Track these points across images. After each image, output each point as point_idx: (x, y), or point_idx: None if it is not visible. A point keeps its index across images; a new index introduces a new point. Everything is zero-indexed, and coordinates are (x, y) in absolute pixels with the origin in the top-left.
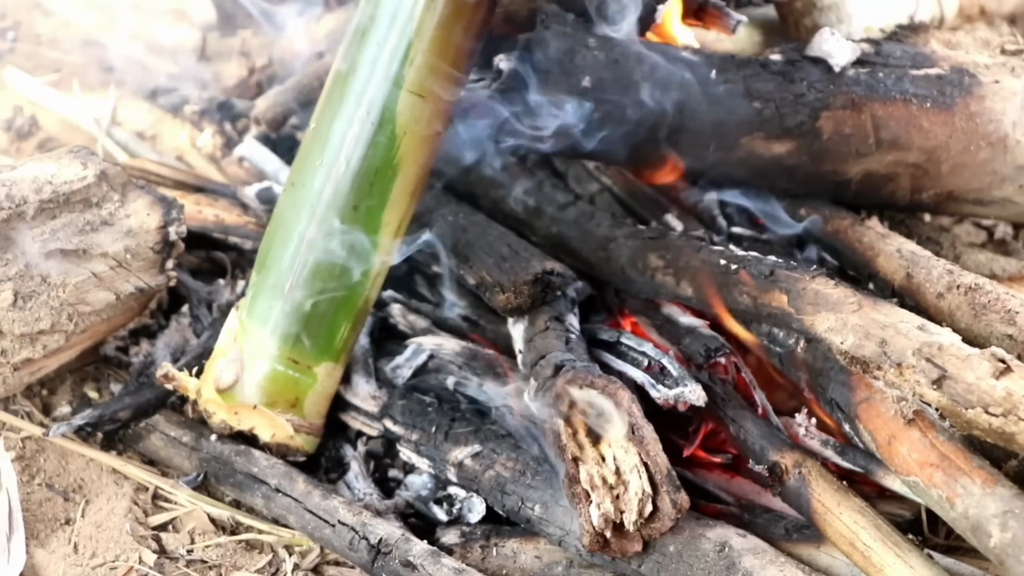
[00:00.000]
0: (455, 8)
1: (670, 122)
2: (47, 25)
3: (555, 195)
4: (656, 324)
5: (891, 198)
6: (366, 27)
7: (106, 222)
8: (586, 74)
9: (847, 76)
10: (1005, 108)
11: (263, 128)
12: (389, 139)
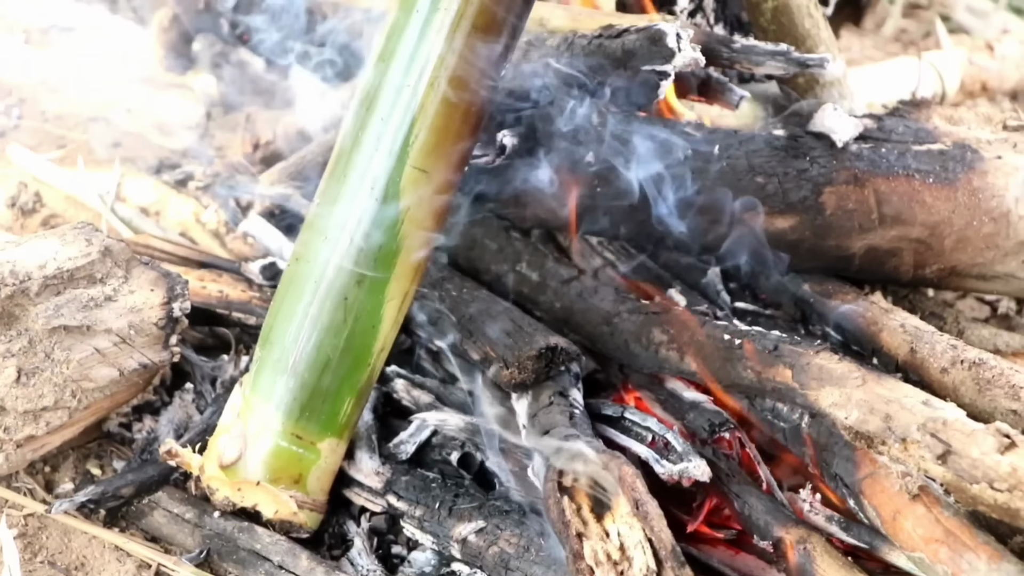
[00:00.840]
0: (459, 85)
1: (674, 197)
2: (52, 102)
3: (559, 270)
4: (660, 399)
5: (895, 273)
6: (370, 103)
7: (110, 298)
8: (589, 149)
9: (850, 151)
10: (1008, 184)
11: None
12: (393, 214)
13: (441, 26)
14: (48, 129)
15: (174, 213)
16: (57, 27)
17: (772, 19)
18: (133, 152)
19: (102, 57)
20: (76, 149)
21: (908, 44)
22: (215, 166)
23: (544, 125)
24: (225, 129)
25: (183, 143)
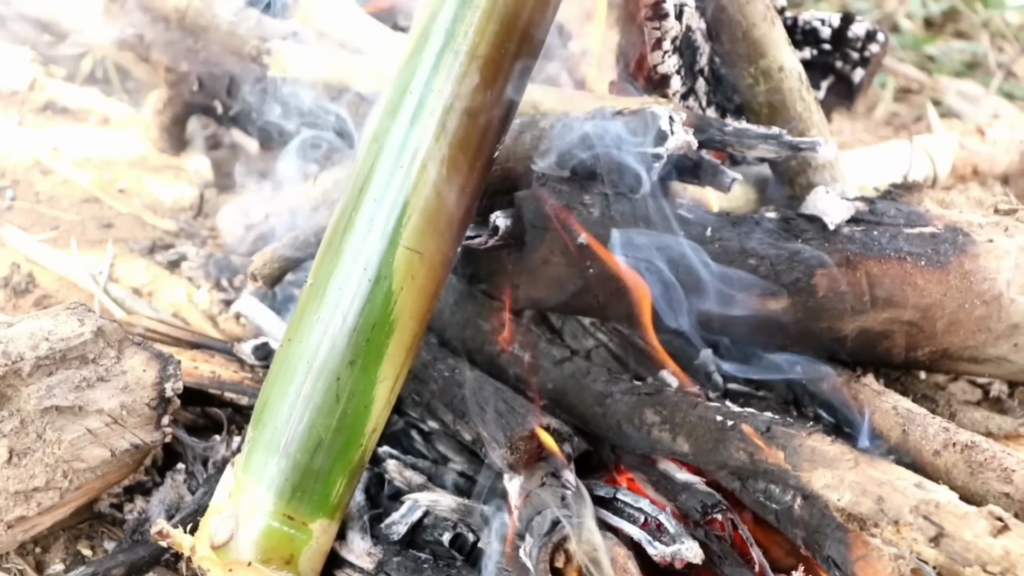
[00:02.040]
0: (452, 166)
1: (665, 278)
2: (45, 183)
3: (551, 350)
4: (652, 480)
5: (887, 355)
6: (363, 184)
7: (102, 378)
8: (582, 231)
9: (842, 234)
10: (999, 267)
11: (260, 284)
12: (386, 295)
13: (434, 108)
14: (41, 210)
15: (167, 294)
16: (52, 109)
17: (764, 102)
18: (126, 233)
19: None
20: (69, 230)
21: (900, 128)
22: (208, 247)
23: (537, 206)
24: (219, 210)
25: (176, 224)
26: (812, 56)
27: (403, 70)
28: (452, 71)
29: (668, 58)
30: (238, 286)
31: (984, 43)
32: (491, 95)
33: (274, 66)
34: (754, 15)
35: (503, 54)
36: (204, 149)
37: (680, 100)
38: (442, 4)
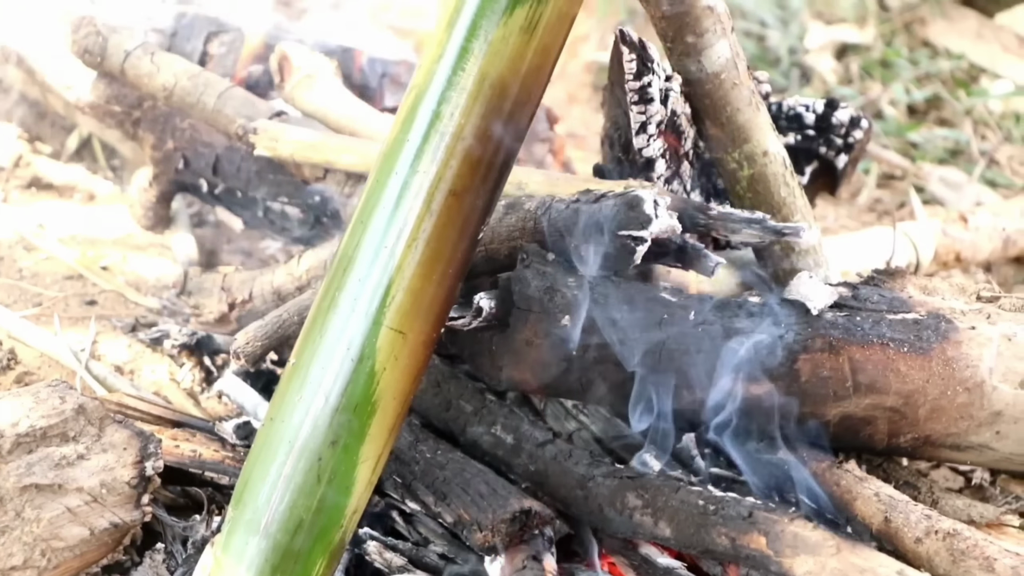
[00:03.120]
0: (436, 247)
1: (648, 362)
2: (29, 260)
3: (533, 433)
4: (634, 564)
5: (869, 441)
6: (348, 264)
7: (82, 456)
8: (566, 313)
9: (825, 319)
10: (982, 354)
11: (242, 363)
12: (369, 375)
13: (419, 189)
14: (24, 287)
15: (148, 372)
16: (37, 186)
17: (748, 187)
18: (109, 310)
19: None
20: (52, 307)
21: (883, 214)
22: (191, 325)
23: (520, 288)
24: (202, 288)
25: (159, 302)
26: (796, 141)
27: (389, 151)
28: (438, 153)
29: (653, 142)
30: (220, 364)
31: (967, 131)
32: (476, 177)
33: (260, 145)
34: (739, 100)
35: (489, 136)
36: (189, 227)
37: (665, 184)
38: (428, 86)
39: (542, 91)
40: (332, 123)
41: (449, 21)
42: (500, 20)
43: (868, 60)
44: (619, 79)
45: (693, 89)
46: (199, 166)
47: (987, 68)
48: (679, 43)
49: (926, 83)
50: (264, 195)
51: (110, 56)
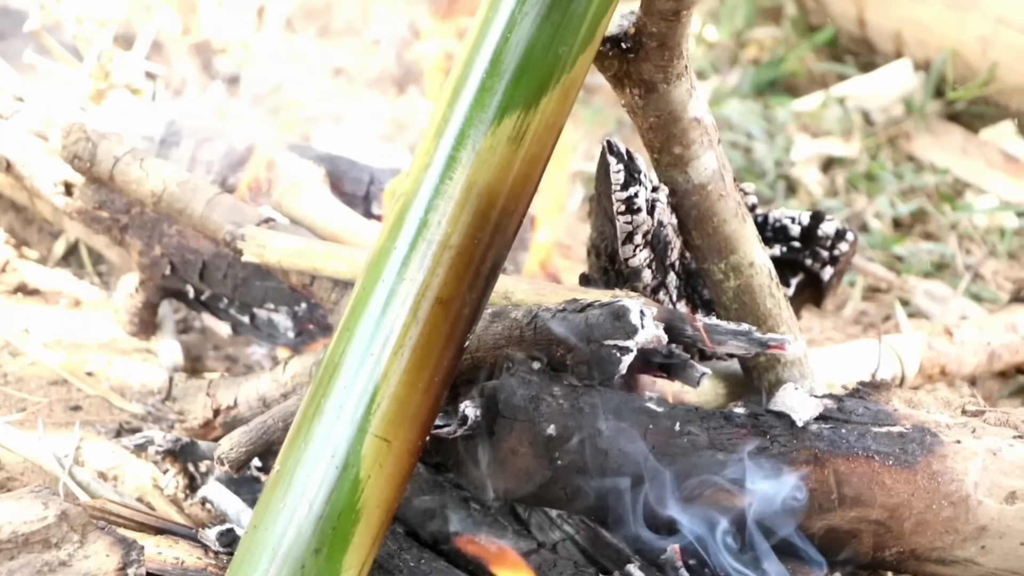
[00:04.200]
0: (422, 355)
1: (633, 472)
2: (14, 365)
3: (518, 542)
4: None
5: (854, 555)
6: (333, 371)
7: (64, 563)
8: (551, 422)
9: (810, 431)
10: (967, 468)
11: (227, 469)
12: (353, 483)
13: (406, 297)
14: (8, 392)
15: (132, 478)
16: (23, 291)
17: (734, 298)
18: (94, 416)
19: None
20: (36, 412)
21: (868, 326)
22: (175, 431)
23: (506, 396)
24: (187, 394)
25: (144, 408)
26: (782, 253)
27: (376, 258)
28: (425, 261)
29: (639, 252)
30: (204, 471)
31: (952, 245)
32: (463, 285)
33: (248, 251)
34: (725, 211)
35: (476, 244)
36: (174, 333)
37: (651, 294)
38: (416, 194)
39: (529, 200)
40: (320, 230)
41: (437, 130)
42: (488, 130)
43: (854, 173)
44: (606, 189)
45: (680, 200)
46: (186, 272)
47: (972, 183)
48: (666, 154)
49: (911, 197)
50: (251, 301)
51: (100, 162)
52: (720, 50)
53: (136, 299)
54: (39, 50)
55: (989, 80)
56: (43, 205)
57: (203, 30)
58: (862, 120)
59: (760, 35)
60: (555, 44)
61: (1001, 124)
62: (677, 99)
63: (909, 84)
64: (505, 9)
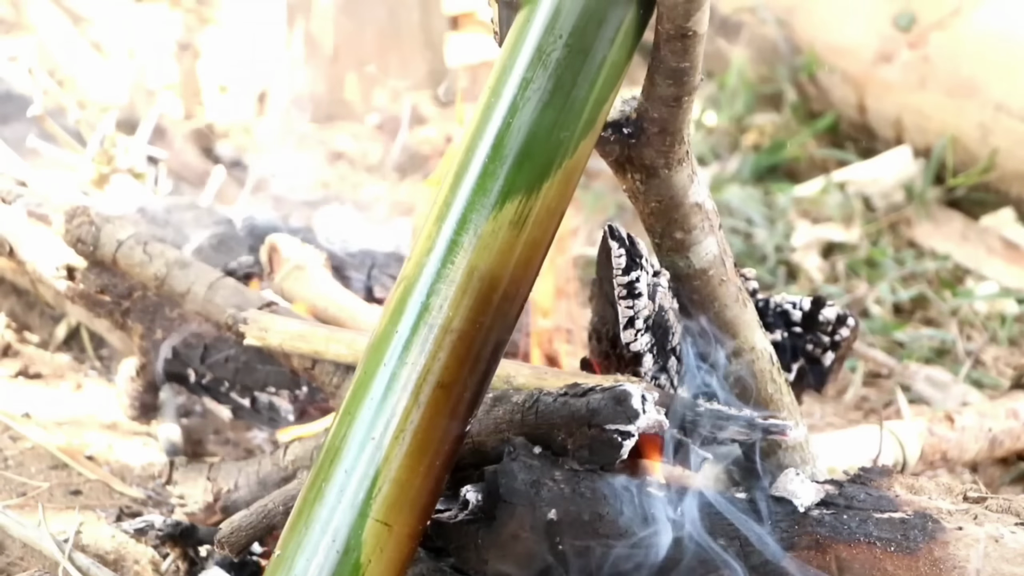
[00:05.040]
0: (423, 440)
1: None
2: (15, 449)
3: None
4: None
5: None
6: (334, 454)
7: None
8: (552, 507)
9: (812, 517)
10: (969, 555)
11: (227, 553)
12: (354, 567)
13: (407, 381)
14: (9, 476)
15: (132, 562)
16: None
17: (736, 383)
18: (94, 500)
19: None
20: (37, 496)
21: (869, 412)
22: (176, 515)
23: (507, 481)
24: (188, 478)
25: (144, 492)
26: (783, 338)
27: (377, 342)
28: (426, 345)
29: (640, 337)
30: (205, 555)
31: (953, 331)
32: (464, 369)
33: (250, 335)
34: (726, 296)
35: (478, 328)
36: (175, 417)
37: (652, 379)
38: (418, 278)
39: (531, 285)
40: (321, 314)
41: (439, 215)
42: (490, 214)
43: (854, 259)
44: (607, 274)
45: (681, 285)
46: (188, 356)
47: (972, 269)
48: (667, 239)
49: (912, 283)
50: (252, 385)
51: (103, 245)
52: (721, 136)
53: (137, 383)
54: (42, 135)
55: (989, 167)
56: (45, 289)
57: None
58: (863, 206)
59: (760, 121)
60: (557, 129)
61: (1001, 211)
62: (678, 184)
63: (909, 170)
64: (507, 95)
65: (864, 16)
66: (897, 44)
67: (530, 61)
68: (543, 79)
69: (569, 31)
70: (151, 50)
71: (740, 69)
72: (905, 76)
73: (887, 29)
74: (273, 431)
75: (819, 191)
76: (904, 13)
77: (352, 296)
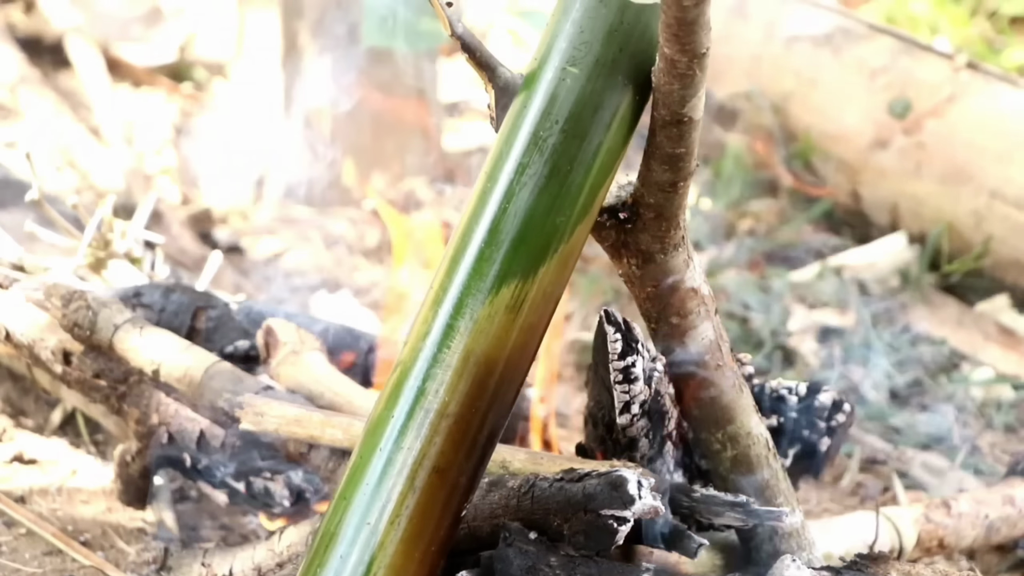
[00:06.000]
0: (419, 525)
1: None
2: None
3: None
4: None
5: None
6: (329, 540)
7: None
8: None
9: None
10: None
11: None
12: None
13: (403, 465)
14: (3, 563)
15: None
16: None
17: (732, 468)
18: None
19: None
20: None
21: (866, 498)
22: None
23: (503, 567)
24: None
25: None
26: (779, 423)
27: (373, 427)
28: (422, 429)
29: (637, 422)
30: None
31: (949, 417)
32: (460, 454)
33: (246, 419)
34: (722, 381)
35: (473, 413)
36: (170, 502)
37: (648, 464)
38: (414, 362)
39: (527, 369)
40: (317, 399)
41: (435, 299)
42: (486, 299)
43: (850, 344)
44: (603, 358)
45: (676, 369)
46: (183, 441)
47: (968, 355)
48: (663, 324)
49: (908, 368)
50: (247, 470)
51: (100, 330)
52: (717, 221)
53: (132, 468)
54: (40, 220)
55: (983, 253)
56: (41, 374)
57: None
58: (858, 291)
59: (756, 207)
60: (553, 214)
61: (996, 297)
62: (674, 269)
63: (904, 256)
64: (504, 179)
65: (859, 103)
66: (892, 131)
67: (526, 146)
68: (539, 164)
69: (565, 116)
70: (149, 135)
71: (736, 155)
72: (900, 163)
73: (882, 116)
74: (268, 516)
75: (815, 276)
76: (899, 100)
77: (348, 381)
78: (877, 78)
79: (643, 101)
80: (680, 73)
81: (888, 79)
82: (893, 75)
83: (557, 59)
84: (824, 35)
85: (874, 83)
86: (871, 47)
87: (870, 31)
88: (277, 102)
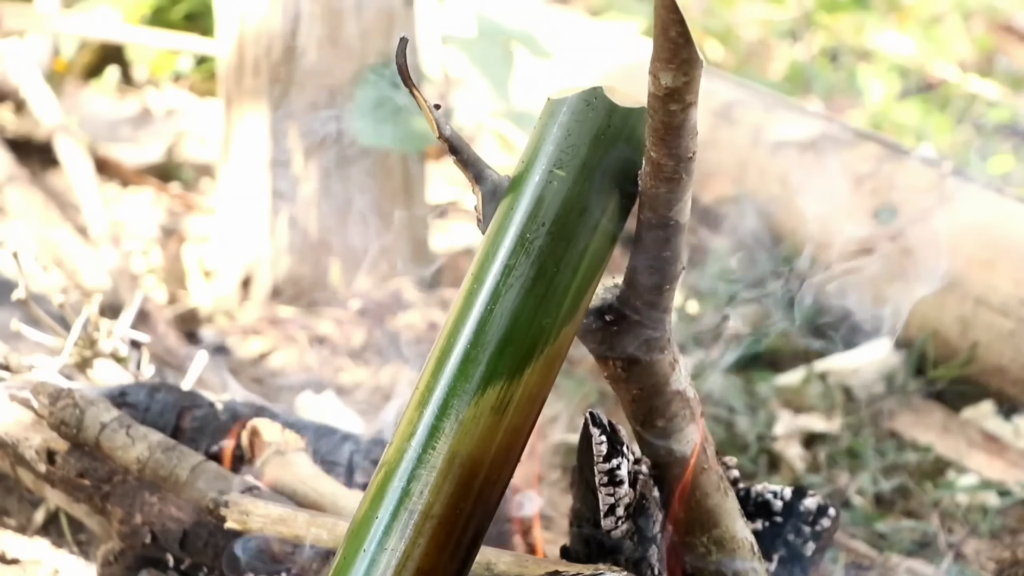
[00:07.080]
0: None
1: None
2: None
3: None
4: None
5: None
6: None
7: None
8: None
9: None
10: None
11: None
12: None
13: (387, 567)
14: None
15: None
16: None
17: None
18: None
19: None
20: None
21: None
22: None
23: None
24: None
25: None
26: (764, 528)
27: (357, 528)
28: (406, 531)
29: (621, 524)
30: None
31: (934, 523)
32: (444, 556)
33: (231, 519)
34: (707, 485)
35: (458, 514)
36: None
37: (632, 567)
38: (398, 463)
39: (512, 470)
40: (302, 499)
41: (421, 400)
42: (471, 400)
43: (836, 449)
44: (588, 460)
45: (662, 472)
46: (166, 541)
47: (954, 461)
48: (649, 426)
49: (893, 474)
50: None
51: (86, 428)
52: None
53: (115, 568)
54: (26, 318)
55: (969, 360)
56: (24, 473)
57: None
58: (844, 396)
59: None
60: (539, 316)
61: (982, 403)
62: (660, 372)
63: (890, 362)
64: (490, 281)
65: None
66: (877, 237)
67: (513, 248)
68: (526, 266)
69: (552, 219)
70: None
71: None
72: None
73: (867, 222)
74: None
75: (801, 381)
76: (885, 207)
77: (333, 481)
78: (863, 183)
79: (629, 204)
80: (667, 177)
81: (874, 184)
82: (878, 180)
83: (544, 162)
84: (810, 140)
85: (860, 188)
86: (857, 153)
87: (856, 137)
88: (264, 202)
